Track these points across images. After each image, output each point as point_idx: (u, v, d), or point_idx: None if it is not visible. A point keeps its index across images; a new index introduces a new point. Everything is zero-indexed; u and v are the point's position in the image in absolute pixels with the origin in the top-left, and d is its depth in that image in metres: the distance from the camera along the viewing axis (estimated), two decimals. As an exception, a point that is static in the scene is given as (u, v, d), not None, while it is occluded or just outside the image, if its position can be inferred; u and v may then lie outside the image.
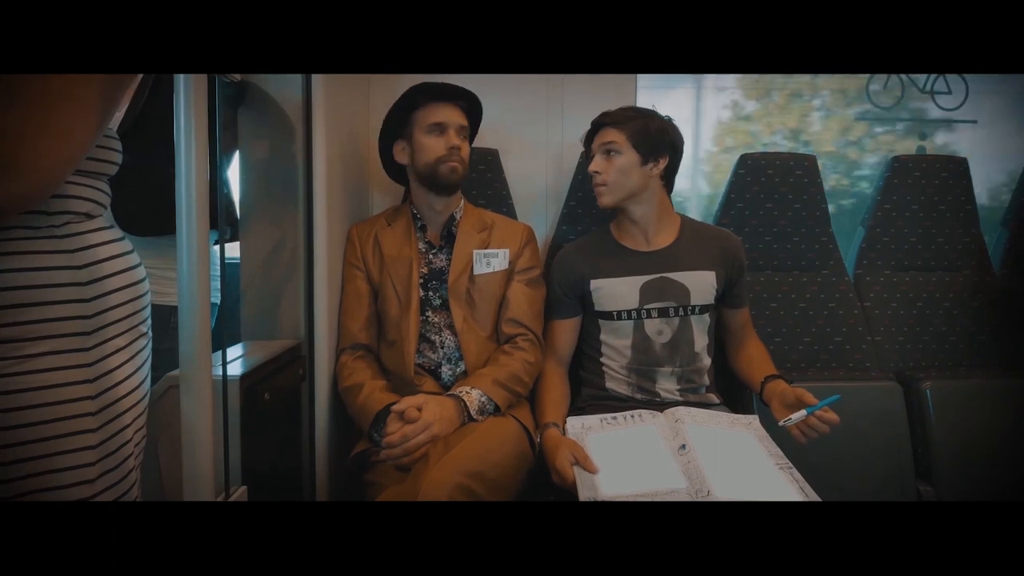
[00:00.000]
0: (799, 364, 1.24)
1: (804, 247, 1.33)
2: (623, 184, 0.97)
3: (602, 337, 1.04)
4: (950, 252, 1.37)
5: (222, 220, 0.93)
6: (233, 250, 1.03)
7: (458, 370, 1.00)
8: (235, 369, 0.77)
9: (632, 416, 0.91)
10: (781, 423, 0.86)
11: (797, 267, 1.32)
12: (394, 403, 0.86)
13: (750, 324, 1.11)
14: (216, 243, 0.94)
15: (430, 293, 1.00)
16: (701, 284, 1.01)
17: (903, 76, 1.67)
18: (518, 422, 0.92)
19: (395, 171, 1.06)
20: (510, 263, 1.03)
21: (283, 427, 0.92)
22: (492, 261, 1.01)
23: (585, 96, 1.31)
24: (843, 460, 1.08)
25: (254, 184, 0.97)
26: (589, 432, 0.91)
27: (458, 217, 1.03)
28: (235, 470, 0.73)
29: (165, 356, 0.68)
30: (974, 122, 1.66)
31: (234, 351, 0.86)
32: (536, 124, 1.35)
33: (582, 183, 1.23)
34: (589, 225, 1.25)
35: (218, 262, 0.99)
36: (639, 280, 1.01)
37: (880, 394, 1.11)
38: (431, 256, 1.02)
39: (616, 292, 1.01)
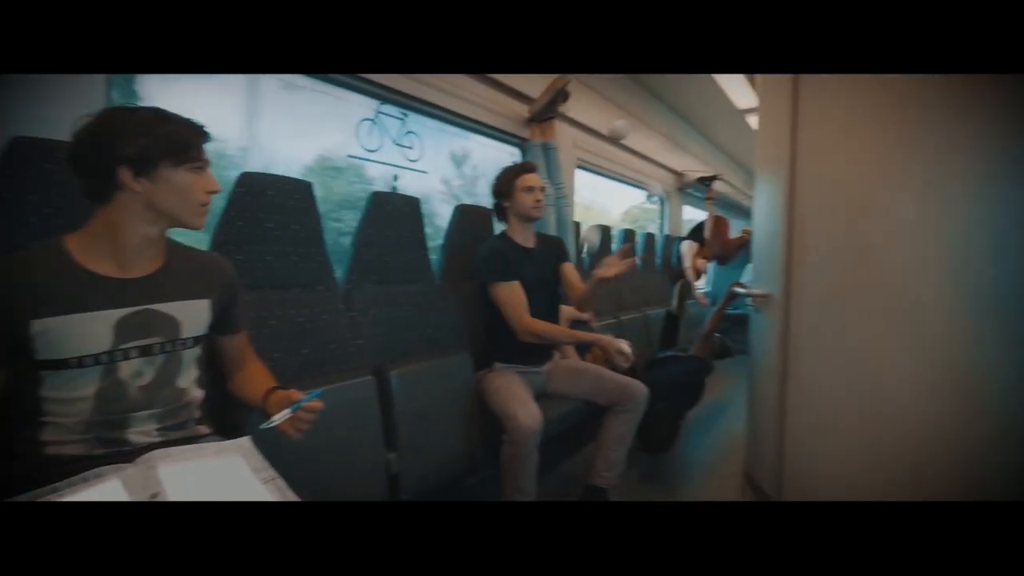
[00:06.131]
0: (299, 375, 1.36)
1: (302, 266, 1.47)
2: None
3: (44, 393, 0.82)
4: (411, 269, 1.83)
5: None
6: None
7: None
8: None
9: (85, 479, 0.77)
10: (262, 426, 0.91)
11: (296, 284, 1.45)
12: None
13: (248, 347, 1.13)
14: None
15: None
16: (194, 314, 0.96)
17: (385, 126, 2.09)
18: None
19: None
20: None
21: None
22: None
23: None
24: (331, 447, 1.26)
25: None
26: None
27: None
28: None
29: None
30: (426, 172, 2.27)
31: None
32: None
33: None
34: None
35: None
36: (113, 315, 0.85)
37: (358, 387, 1.37)
38: None
39: (76, 332, 0.82)
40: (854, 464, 1.52)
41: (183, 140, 0.88)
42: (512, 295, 1.71)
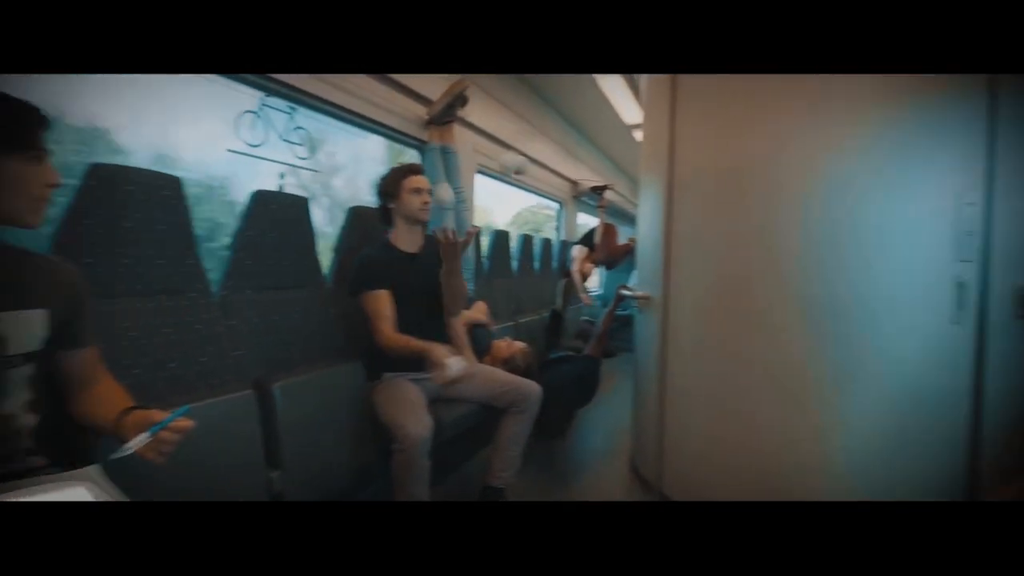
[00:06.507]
0: (165, 393, 1.23)
1: (170, 270, 1.33)
2: None
3: None
4: (298, 273, 1.73)
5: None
6: None
7: None
8: None
9: None
10: (114, 455, 0.81)
11: (161, 291, 1.31)
12: None
13: (98, 363, 0.99)
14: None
15: None
16: (24, 327, 0.82)
17: (269, 121, 1.95)
18: None
19: None
20: None
21: None
22: None
23: None
24: (204, 469, 1.15)
25: None
26: None
27: None
28: None
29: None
30: (317, 171, 2.16)
31: None
32: None
33: None
34: None
35: None
36: None
37: (235, 402, 1.27)
38: None
39: None
40: (722, 461, 1.70)
41: (15, 126, 0.76)
42: (377, 305, 1.65)
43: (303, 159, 2.09)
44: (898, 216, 1.36)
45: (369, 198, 1.92)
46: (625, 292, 2.33)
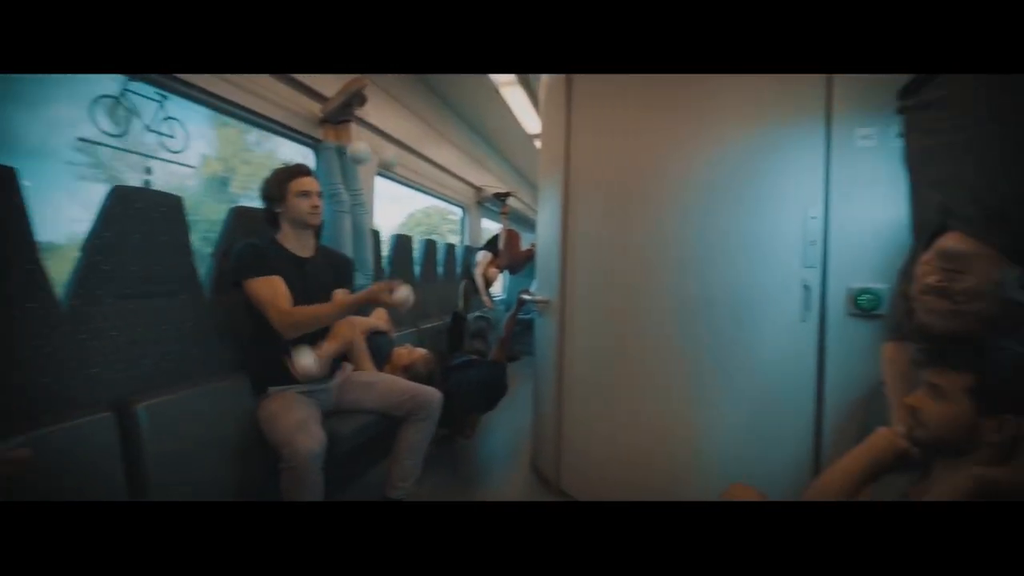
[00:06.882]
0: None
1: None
2: None
3: None
4: (170, 280, 1.55)
5: None
6: None
7: None
8: None
9: None
10: None
11: (-11, 302, 1.11)
12: None
13: None
14: None
15: None
16: None
17: (132, 108, 1.74)
18: None
19: None
20: None
21: None
22: None
23: None
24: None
25: None
26: None
27: None
28: None
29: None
30: (193, 167, 1.97)
31: None
32: None
33: None
34: None
35: None
36: None
37: (88, 428, 1.11)
38: None
39: None
40: (614, 458, 1.81)
41: None
42: (270, 288, 1.52)
43: (174, 152, 1.89)
44: (757, 225, 1.55)
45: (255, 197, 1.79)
46: (526, 297, 2.40)
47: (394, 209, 4.52)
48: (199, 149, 2.06)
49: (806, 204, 1.50)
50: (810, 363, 1.51)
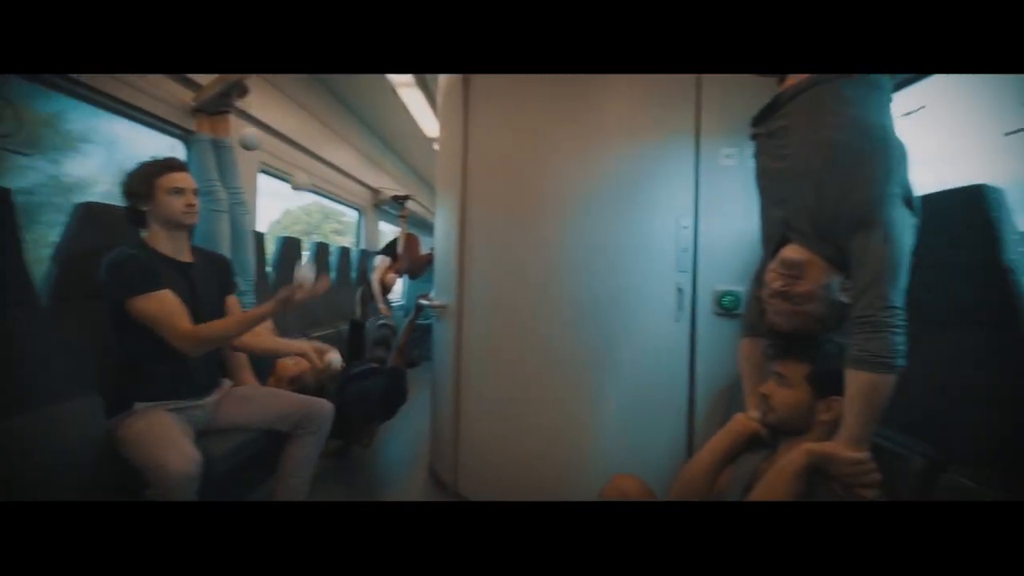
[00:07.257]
0: None
1: None
2: None
3: None
4: None
5: None
6: None
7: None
8: None
9: None
10: None
11: None
12: None
13: None
14: None
15: None
16: None
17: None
18: None
19: None
20: None
21: None
22: None
23: None
24: None
25: None
26: None
27: None
28: None
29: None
30: (27, 154, 1.69)
31: None
32: None
33: None
34: None
35: None
36: None
37: None
38: None
39: None
40: (509, 461, 1.84)
41: None
42: (164, 305, 1.38)
43: (3, 137, 1.60)
44: (637, 232, 1.68)
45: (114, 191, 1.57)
46: (424, 302, 2.37)
47: (270, 204, 4.22)
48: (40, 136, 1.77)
49: (679, 214, 1.65)
50: (683, 359, 1.67)
